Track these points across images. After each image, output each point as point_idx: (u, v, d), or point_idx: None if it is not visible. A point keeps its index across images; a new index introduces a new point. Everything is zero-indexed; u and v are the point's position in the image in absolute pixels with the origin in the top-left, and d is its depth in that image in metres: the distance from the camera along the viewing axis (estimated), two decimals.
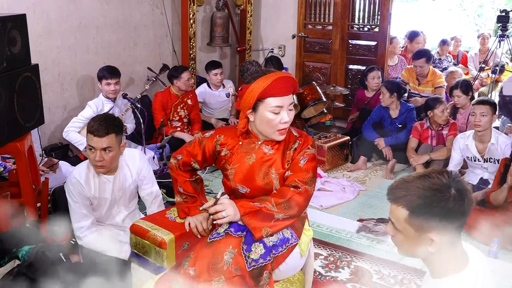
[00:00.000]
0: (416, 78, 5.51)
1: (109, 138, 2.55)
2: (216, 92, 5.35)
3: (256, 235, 2.01)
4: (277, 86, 2.05)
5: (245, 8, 6.08)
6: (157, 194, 2.89)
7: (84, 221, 2.68)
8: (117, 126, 2.61)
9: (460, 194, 1.39)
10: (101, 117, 2.62)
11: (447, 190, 1.38)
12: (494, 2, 11.76)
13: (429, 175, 1.42)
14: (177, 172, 2.34)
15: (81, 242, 2.71)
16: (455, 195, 1.38)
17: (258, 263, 1.98)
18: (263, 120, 2.10)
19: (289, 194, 2.09)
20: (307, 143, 2.18)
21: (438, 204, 1.37)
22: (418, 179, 1.42)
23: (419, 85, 5.49)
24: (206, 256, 2.00)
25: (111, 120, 2.61)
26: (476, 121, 3.79)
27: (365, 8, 5.94)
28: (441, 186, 1.38)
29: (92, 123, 2.57)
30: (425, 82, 5.46)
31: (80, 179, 2.65)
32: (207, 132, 2.29)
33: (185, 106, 4.93)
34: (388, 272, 3.03)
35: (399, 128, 4.85)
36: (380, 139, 4.78)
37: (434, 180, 1.40)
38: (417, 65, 5.37)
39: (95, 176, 2.69)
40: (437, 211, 1.38)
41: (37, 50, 4.15)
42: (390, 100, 4.80)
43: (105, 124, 2.55)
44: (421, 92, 5.46)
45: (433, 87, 5.41)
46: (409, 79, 5.55)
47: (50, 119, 4.42)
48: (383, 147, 4.74)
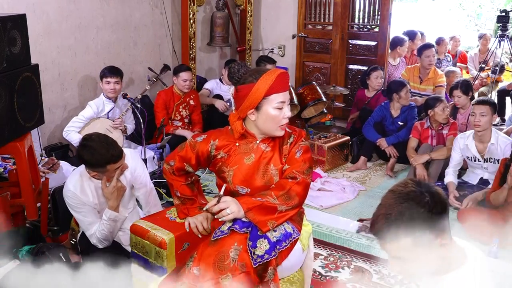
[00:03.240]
0: (418, 76, 5.51)
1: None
2: (226, 87, 5.34)
3: (263, 229, 2.03)
4: (281, 82, 2.09)
5: (245, 8, 6.07)
6: (153, 192, 2.88)
7: (94, 227, 2.67)
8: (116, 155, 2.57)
9: (432, 194, 1.41)
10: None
11: (422, 196, 1.41)
12: (494, 2, 11.77)
13: (399, 192, 1.44)
14: (172, 177, 2.33)
15: (100, 246, 2.71)
16: (430, 197, 1.41)
17: (263, 259, 2.00)
18: (267, 117, 2.10)
19: (288, 185, 2.12)
20: (301, 136, 2.23)
21: (422, 213, 1.39)
22: (394, 205, 1.42)
23: (421, 83, 5.49)
24: (211, 255, 2.00)
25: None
26: (476, 121, 3.79)
27: (365, 8, 5.93)
28: (415, 195, 1.41)
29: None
30: (427, 79, 5.46)
31: (75, 190, 2.63)
32: (198, 136, 2.27)
33: (187, 106, 4.94)
34: (388, 272, 3.03)
35: (401, 126, 4.87)
36: (382, 139, 4.78)
37: (408, 194, 1.42)
38: (429, 55, 5.34)
39: (89, 184, 2.67)
40: (429, 218, 1.40)
41: (37, 50, 4.15)
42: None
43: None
44: (422, 91, 5.46)
45: (434, 86, 5.41)
46: (410, 78, 5.54)
47: (50, 119, 4.42)
48: (385, 147, 4.75)
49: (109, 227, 2.62)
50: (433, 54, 5.43)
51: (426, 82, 5.47)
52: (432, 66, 5.45)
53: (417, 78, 5.53)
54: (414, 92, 5.51)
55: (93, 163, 2.52)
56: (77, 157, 2.62)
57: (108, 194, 2.61)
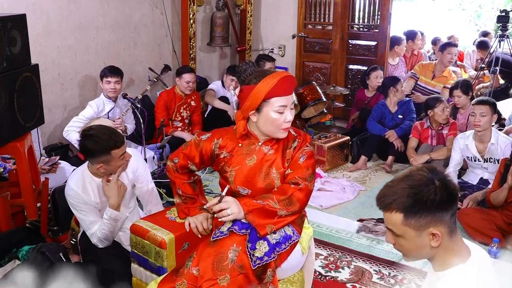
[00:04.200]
0: (432, 71, 5.54)
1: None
2: (229, 93, 5.31)
3: (261, 232, 2.03)
4: (282, 85, 2.06)
5: (245, 8, 6.07)
6: (154, 191, 2.88)
7: (95, 227, 2.66)
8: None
9: (444, 182, 1.42)
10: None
11: (431, 182, 1.42)
12: (494, 2, 11.76)
13: (410, 174, 1.47)
14: (175, 174, 2.34)
15: (100, 246, 2.70)
16: (440, 185, 1.42)
17: (262, 261, 2.00)
18: (267, 120, 2.10)
19: (290, 190, 2.11)
20: (306, 141, 2.21)
21: (428, 198, 1.41)
22: (402, 181, 1.46)
23: (433, 79, 5.52)
24: (210, 255, 2.00)
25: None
26: (476, 121, 3.80)
27: (365, 8, 5.94)
28: (424, 180, 1.43)
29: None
30: (440, 77, 5.50)
31: (77, 189, 2.62)
32: (203, 135, 2.27)
33: (188, 107, 4.94)
34: (388, 272, 3.04)
35: (401, 119, 4.91)
36: (391, 131, 4.79)
37: (416, 177, 1.44)
38: (452, 52, 5.43)
39: (91, 182, 2.67)
40: (429, 204, 1.41)
41: (37, 50, 4.15)
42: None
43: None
44: (432, 86, 5.50)
45: (443, 85, 5.44)
46: (422, 72, 5.58)
47: (50, 119, 4.42)
48: (395, 138, 4.75)
49: (110, 226, 2.62)
50: (456, 53, 5.53)
51: (438, 79, 5.49)
52: (451, 64, 5.54)
53: (430, 73, 5.55)
54: (422, 87, 5.53)
55: (98, 150, 2.51)
56: (80, 149, 2.61)
57: (109, 192, 2.61)
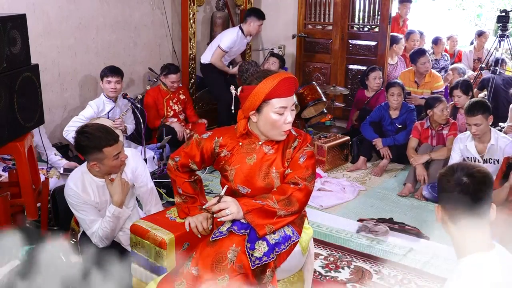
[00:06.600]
0: (414, 81, 5.50)
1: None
2: (245, 40, 5.42)
3: (260, 232, 2.03)
4: (283, 87, 2.06)
5: (245, 8, 6.06)
6: (153, 191, 2.88)
7: (95, 226, 2.66)
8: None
9: (464, 174, 1.56)
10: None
11: (452, 172, 1.59)
12: (494, 2, 11.76)
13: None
14: (176, 173, 2.34)
15: (100, 245, 2.70)
16: (459, 175, 1.56)
17: (261, 261, 2.00)
18: (267, 121, 2.10)
19: (290, 190, 2.11)
20: (306, 141, 2.20)
21: (442, 180, 1.61)
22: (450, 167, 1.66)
23: (418, 87, 5.49)
24: (210, 255, 2.00)
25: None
26: (473, 131, 3.76)
27: (365, 8, 5.93)
28: (448, 172, 1.62)
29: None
30: (424, 84, 5.46)
31: (77, 189, 2.62)
32: (204, 133, 2.28)
33: (178, 101, 4.96)
34: (388, 272, 3.04)
35: (399, 128, 4.86)
36: (378, 139, 4.79)
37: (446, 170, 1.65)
38: (425, 62, 5.35)
39: (91, 182, 2.67)
40: (443, 185, 1.60)
41: (37, 50, 4.15)
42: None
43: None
44: (420, 94, 5.44)
45: (431, 90, 5.41)
46: (406, 83, 5.44)
47: (50, 119, 4.42)
48: (381, 147, 4.76)
49: (112, 224, 2.62)
50: (428, 59, 5.43)
51: (423, 86, 5.46)
52: (428, 71, 5.45)
53: (413, 83, 5.52)
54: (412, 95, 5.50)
55: (90, 146, 2.53)
56: (74, 146, 2.63)
57: (113, 190, 2.62)
